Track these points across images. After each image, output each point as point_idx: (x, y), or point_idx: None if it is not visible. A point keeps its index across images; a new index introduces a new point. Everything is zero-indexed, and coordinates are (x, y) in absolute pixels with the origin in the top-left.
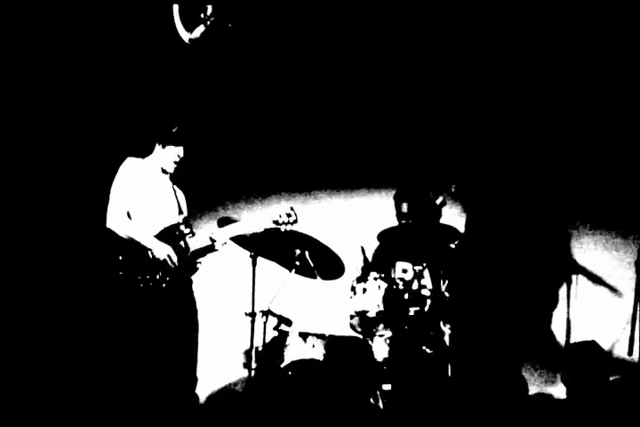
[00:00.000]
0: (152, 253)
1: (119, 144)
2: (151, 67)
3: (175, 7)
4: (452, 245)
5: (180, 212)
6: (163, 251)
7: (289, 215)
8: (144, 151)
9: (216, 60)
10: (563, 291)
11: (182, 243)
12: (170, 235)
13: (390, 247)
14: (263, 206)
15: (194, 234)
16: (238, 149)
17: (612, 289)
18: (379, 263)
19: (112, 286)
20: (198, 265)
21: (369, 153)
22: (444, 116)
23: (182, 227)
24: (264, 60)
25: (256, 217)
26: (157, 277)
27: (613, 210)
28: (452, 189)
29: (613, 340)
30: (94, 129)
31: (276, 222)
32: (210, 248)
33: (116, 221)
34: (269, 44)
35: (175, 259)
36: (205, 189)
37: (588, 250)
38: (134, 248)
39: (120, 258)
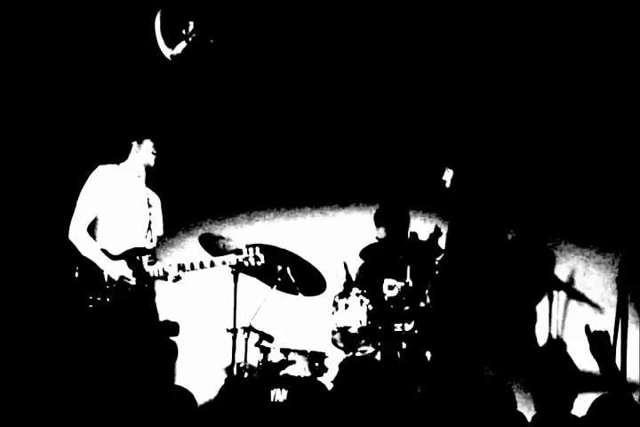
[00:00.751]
0: (107, 274)
1: (92, 151)
2: (131, 76)
3: (157, 23)
4: (436, 262)
5: (149, 228)
6: (116, 273)
7: (257, 259)
8: (119, 156)
9: (198, 75)
10: (544, 307)
11: (142, 268)
12: (132, 257)
13: (373, 264)
14: (248, 222)
15: (154, 262)
16: (223, 165)
17: (594, 305)
18: (361, 279)
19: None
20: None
21: (351, 171)
22: (424, 131)
23: (142, 256)
24: (247, 76)
25: (223, 258)
26: (108, 299)
27: (596, 227)
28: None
29: None
30: (65, 135)
31: (241, 264)
32: (164, 278)
33: (76, 235)
34: (253, 59)
35: (132, 281)
36: (189, 205)
37: (570, 266)
38: (92, 265)
39: (76, 274)
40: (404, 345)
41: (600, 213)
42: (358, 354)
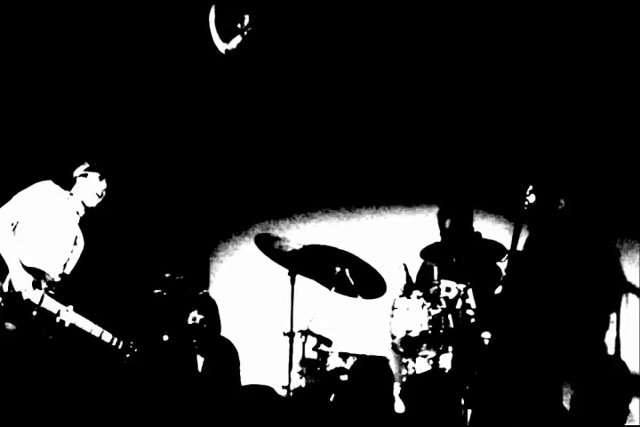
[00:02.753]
0: (10, 279)
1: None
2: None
3: (211, 17)
4: (499, 263)
5: (65, 264)
6: (20, 280)
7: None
8: (65, 184)
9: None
10: (613, 309)
11: (40, 294)
12: (38, 277)
13: (433, 264)
14: (305, 223)
15: (52, 295)
16: (280, 165)
17: None
18: (422, 281)
19: None
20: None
21: (413, 170)
22: (488, 131)
23: (44, 282)
24: (289, 69)
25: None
26: None
27: None
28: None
29: None
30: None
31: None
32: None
33: None
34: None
35: (29, 295)
36: (244, 206)
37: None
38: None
39: None
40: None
41: None
42: (419, 359)
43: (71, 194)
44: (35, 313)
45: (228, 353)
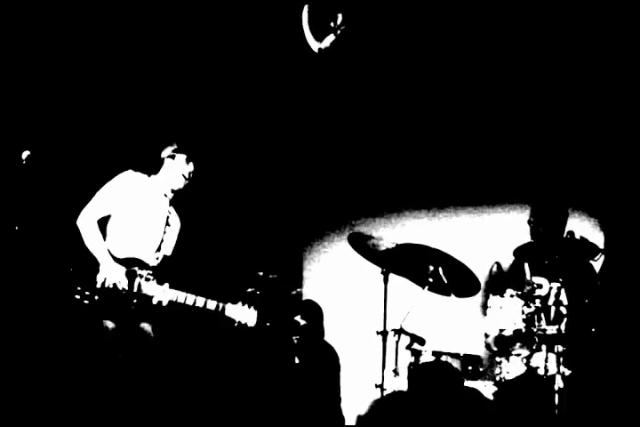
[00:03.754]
0: (101, 271)
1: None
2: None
3: (304, 15)
4: (592, 261)
5: (160, 246)
6: (112, 275)
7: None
8: (151, 167)
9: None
10: None
11: (137, 282)
12: (131, 267)
13: (527, 263)
14: (399, 221)
15: (151, 280)
16: (373, 164)
17: None
18: (515, 280)
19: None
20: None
21: (506, 168)
22: (579, 129)
23: (141, 269)
24: (392, 77)
25: (217, 303)
26: (95, 297)
27: None
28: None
29: None
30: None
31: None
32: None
33: (85, 223)
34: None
35: (123, 285)
36: (338, 205)
37: None
38: (89, 258)
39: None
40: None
41: None
42: (513, 358)
43: (156, 175)
44: (135, 301)
45: (329, 358)
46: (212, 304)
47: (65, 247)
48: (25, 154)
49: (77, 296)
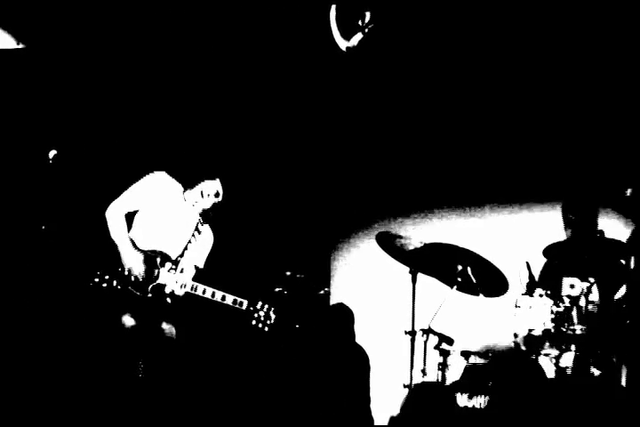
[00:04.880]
0: (121, 258)
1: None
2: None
3: (332, 13)
4: (623, 261)
5: (186, 248)
6: (130, 262)
7: (267, 317)
8: (187, 180)
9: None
10: None
11: (156, 271)
12: (153, 257)
13: (557, 263)
14: (426, 220)
15: (173, 272)
16: (401, 163)
17: None
18: (545, 279)
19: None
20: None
21: (535, 166)
22: (608, 121)
23: (164, 262)
24: (412, 66)
25: (235, 297)
26: (114, 283)
27: None
28: (627, 193)
29: None
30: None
31: (249, 313)
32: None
33: (112, 214)
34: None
35: (140, 271)
36: (365, 204)
37: None
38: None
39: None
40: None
41: None
42: (542, 358)
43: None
44: (150, 288)
45: (360, 360)
46: (229, 299)
47: (89, 239)
48: (52, 153)
49: (96, 279)
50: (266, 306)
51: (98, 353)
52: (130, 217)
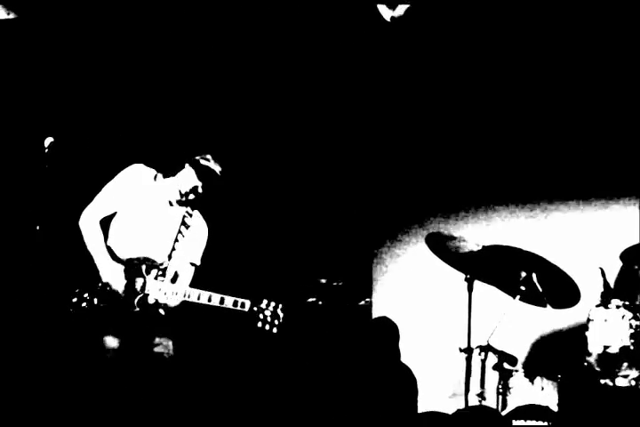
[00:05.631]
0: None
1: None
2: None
3: None
4: None
5: (174, 246)
6: (107, 276)
7: (274, 317)
8: (169, 167)
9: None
10: None
11: (141, 281)
12: (136, 266)
13: (636, 268)
14: (485, 219)
15: (158, 277)
16: (455, 154)
17: None
18: (622, 288)
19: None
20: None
21: (608, 159)
22: None
23: (150, 269)
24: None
25: (236, 298)
26: (95, 301)
27: None
28: None
29: None
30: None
31: (253, 314)
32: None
33: (87, 223)
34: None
35: (120, 285)
36: (413, 200)
37: None
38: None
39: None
40: None
41: None
42: (619, 379)
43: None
44: (136, 302)
45: (407, 382)
46: (229, 301)
47: (68, 250)
48: (48, 141)
49: (75, 299)
50: (272, 304)
51: (75, 385)
52: (107, 222)
